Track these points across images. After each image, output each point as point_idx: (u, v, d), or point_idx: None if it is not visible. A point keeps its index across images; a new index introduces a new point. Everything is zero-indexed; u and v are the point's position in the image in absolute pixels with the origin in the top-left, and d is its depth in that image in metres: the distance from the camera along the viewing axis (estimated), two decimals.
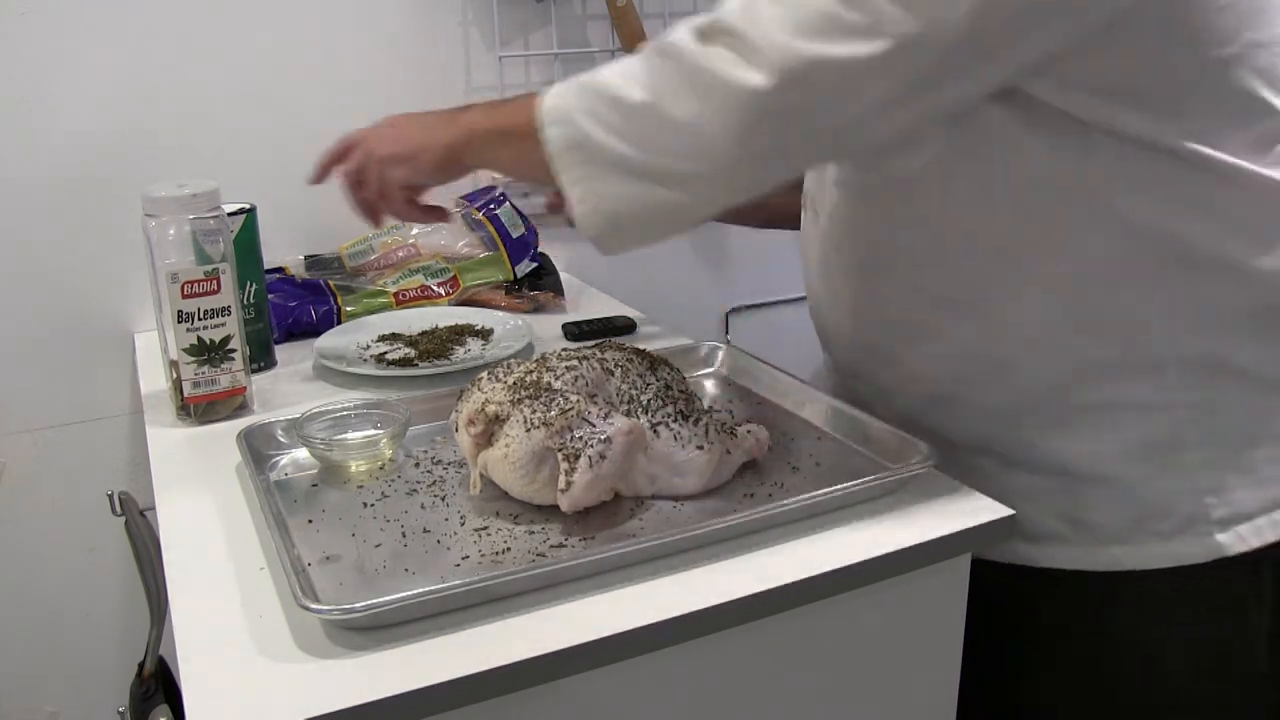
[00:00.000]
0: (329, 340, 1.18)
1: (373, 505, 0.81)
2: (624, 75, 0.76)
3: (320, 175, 0.96)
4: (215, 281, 0.96)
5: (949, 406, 0.89)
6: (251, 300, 1.10)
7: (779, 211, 1.08)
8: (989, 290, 0.83)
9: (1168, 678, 0.86)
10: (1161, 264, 0.78)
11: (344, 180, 0.94)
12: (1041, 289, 0.81)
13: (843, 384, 1.00)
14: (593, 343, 0.93)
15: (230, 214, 1.03)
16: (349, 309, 1.28)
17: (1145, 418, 0.82)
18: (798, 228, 1.04)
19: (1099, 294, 0.80)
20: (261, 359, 1.12)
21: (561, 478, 0.76)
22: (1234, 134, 0.76)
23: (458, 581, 0.67)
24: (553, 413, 0.77)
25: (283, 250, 1.37)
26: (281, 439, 0.91)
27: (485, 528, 0.78)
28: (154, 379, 1.10)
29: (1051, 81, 0.75)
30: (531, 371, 0.81)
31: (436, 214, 0.99)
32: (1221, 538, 0.82)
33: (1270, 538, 0.82)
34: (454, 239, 1.40)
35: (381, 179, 0.91)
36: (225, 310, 0.97)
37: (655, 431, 0.81)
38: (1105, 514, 0.84)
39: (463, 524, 0.78)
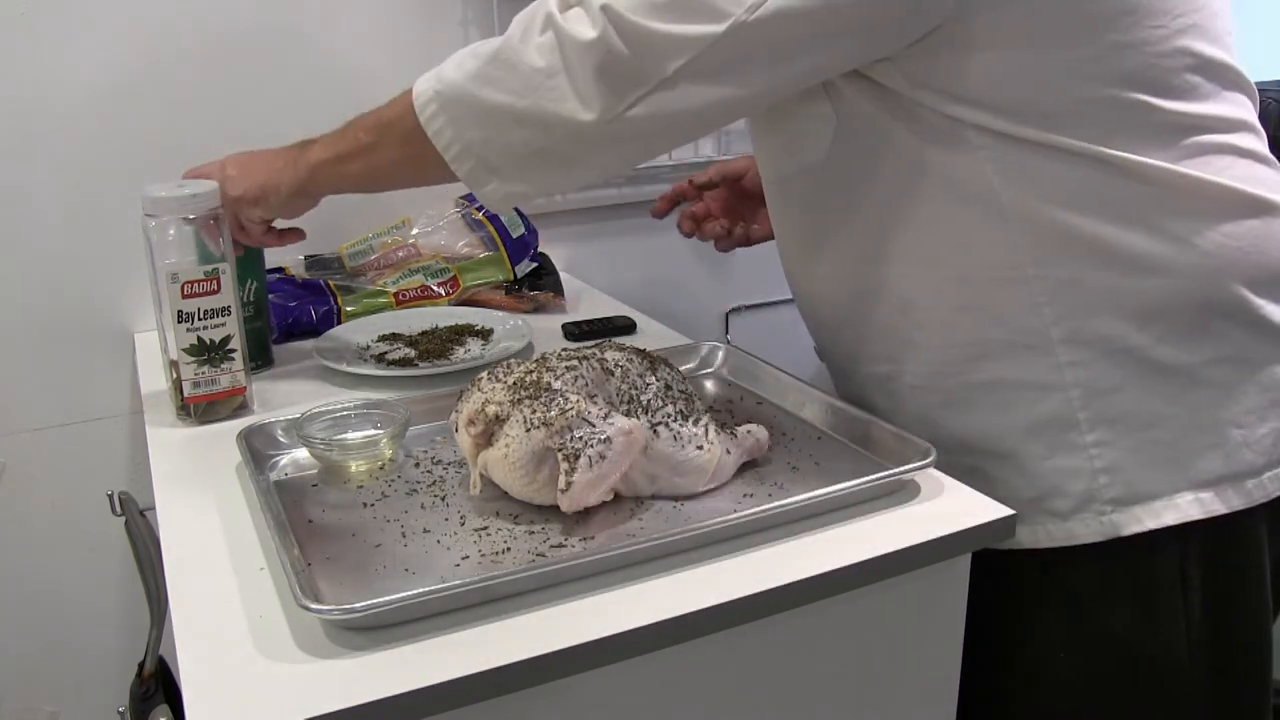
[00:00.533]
0: (329, 340, 1.18)
1: (373, 505, 0.81)
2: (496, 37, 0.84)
3: None
4: (215, 281, 0.96)
5: (885, 386, 0.92)
6: (251, 298, 1.10)
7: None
8: (889, 273, 0.87)
9: (1065, 662, 0.87)
10: (1047, 250, 0.80)
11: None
12: (931, 270, 0.85)
13: (822, 370, 1.05)
14: (593, 343, 0.93)
15: None
16: (349, 309, 1.28)
17: (1038, 396, 0.84)
18: None
19: (984, 276, 0.83)
20: (259, 358, 1.12)
21: (561, 478, 0.76)
22: (1120, 130, 0.78)
23: (458, 581, 0.67)
24: (553, 413, 0.77)
25: (283, 250, 1.36)
26: (281, 439, 0.91)
27: (485, 528, 0.78)
28: (154, 379, 1.10)
29: (900, 78, 0.80)
30: (531, 371, 0.81)
31: (293, 236, 1.07)
32: (1116, 517, 0.83)
33: (1169, 520, 0.82)
34: (454, 239, 1.40)
35: (237, 217, 0.99)
36: (225, 310, 0.97)
37: (655, 431, 0.81)
38: (1007, 492, 0.85)
39: (463, 524, 0.78)
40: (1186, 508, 0.82)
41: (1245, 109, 0.84)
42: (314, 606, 0.64)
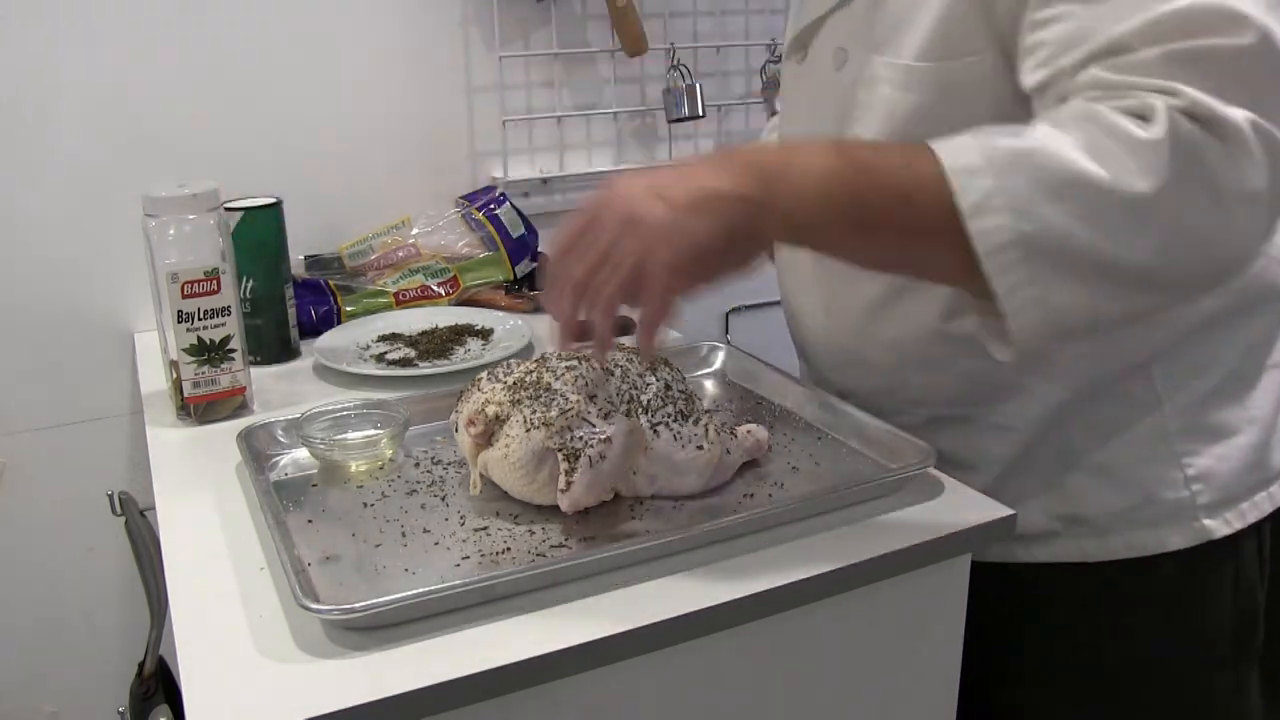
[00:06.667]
0: (329, 340, 1.18)
1: (373, 505, 0.81)
2: (1094, 153, 0.61)
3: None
4: (215, 281, 0.96)
5: (952, 427, 0.89)
6: (249, 295, 1.11)
7: None
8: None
9: (1160, 660, 0.88)
10: None
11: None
12: None
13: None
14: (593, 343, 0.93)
15: (258, 209, 1.10)
16: (349, 309, 1.28)
17: (1135, 414, 0.85)
18: None
19: None
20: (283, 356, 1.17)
21: (561, 478, 0.76)
22: None
23: (458, 581, 0.67)
24: (553, 413, 0.77)
25: None
26: (281, 439, 0.91)
27: (485, 528, 0.78)
28: (154, 379, 1.10)
29: None
30: (531, 371, 0.81)
31: None
32: (1208, 523, 0.85)
33: (1252, 519, 0.86)
34: (454, 239, 1.40)
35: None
36: (225, 310, 0.97)
37: (655, 431, 0.81)
38: (1098, 504, 0.86)
39: (463, 524, 0.78)
40: (1263, 504, 0.86)
41: None
42: (314, 606, 0.64)
